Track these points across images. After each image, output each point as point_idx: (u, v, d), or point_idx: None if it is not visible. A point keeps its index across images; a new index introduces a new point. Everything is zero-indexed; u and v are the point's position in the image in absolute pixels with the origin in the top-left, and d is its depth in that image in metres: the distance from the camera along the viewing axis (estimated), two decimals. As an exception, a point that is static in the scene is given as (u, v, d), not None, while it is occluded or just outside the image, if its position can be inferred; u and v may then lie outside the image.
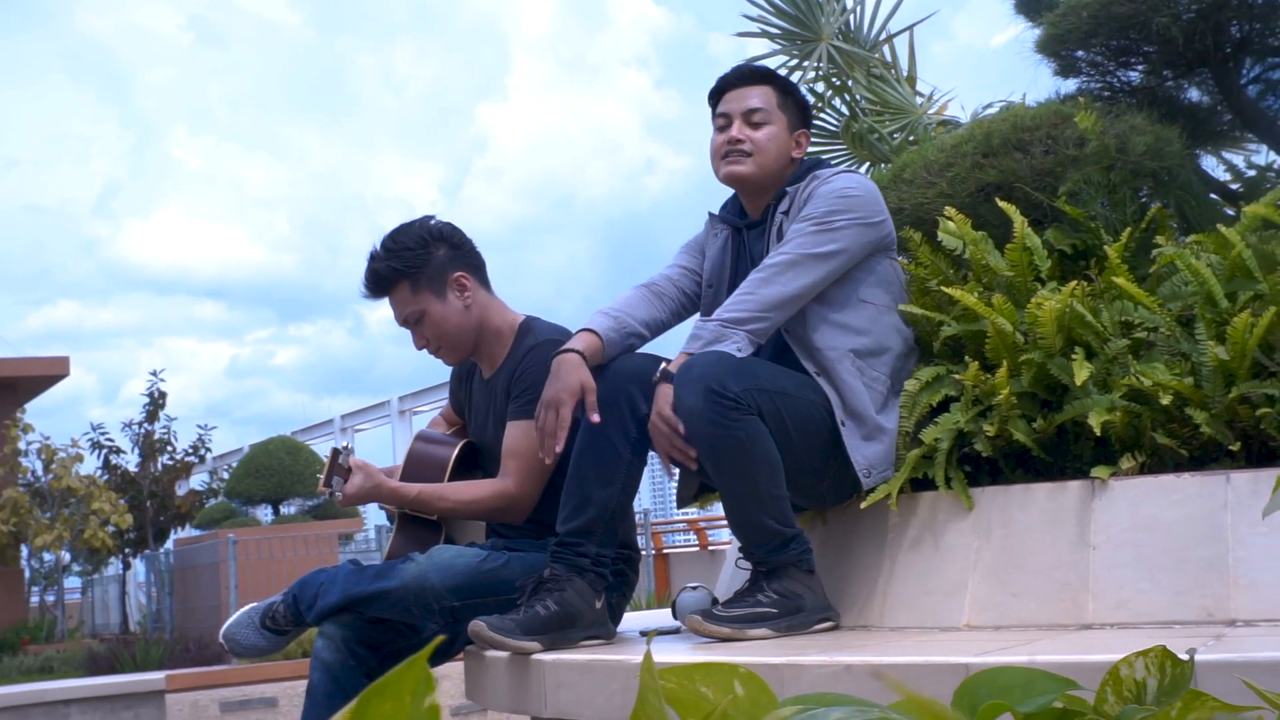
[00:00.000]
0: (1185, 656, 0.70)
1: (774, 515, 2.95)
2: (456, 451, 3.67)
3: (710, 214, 3.49)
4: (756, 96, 3.32)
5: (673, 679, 0.60)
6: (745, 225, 3.37)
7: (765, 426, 2.92)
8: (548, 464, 3.10)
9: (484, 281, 3.60)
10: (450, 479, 3.61)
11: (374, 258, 3.52)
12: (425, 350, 3.58)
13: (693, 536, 16.71)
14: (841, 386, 3.08)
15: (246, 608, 3.54)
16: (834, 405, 3.06)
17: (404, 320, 3.54)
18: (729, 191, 3.43)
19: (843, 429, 3.05)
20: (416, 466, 3.64)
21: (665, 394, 2.96)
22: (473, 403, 3.71)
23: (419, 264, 3.47)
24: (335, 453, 3.43)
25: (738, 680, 0.60)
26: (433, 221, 3.57)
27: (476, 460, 3.73)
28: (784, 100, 3.35)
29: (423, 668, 0.51)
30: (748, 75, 3.38)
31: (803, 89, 5.92)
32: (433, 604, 3.29)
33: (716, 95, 3.38)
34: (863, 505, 3.07)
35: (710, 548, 15.08)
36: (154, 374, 14.98)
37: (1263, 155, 4.38)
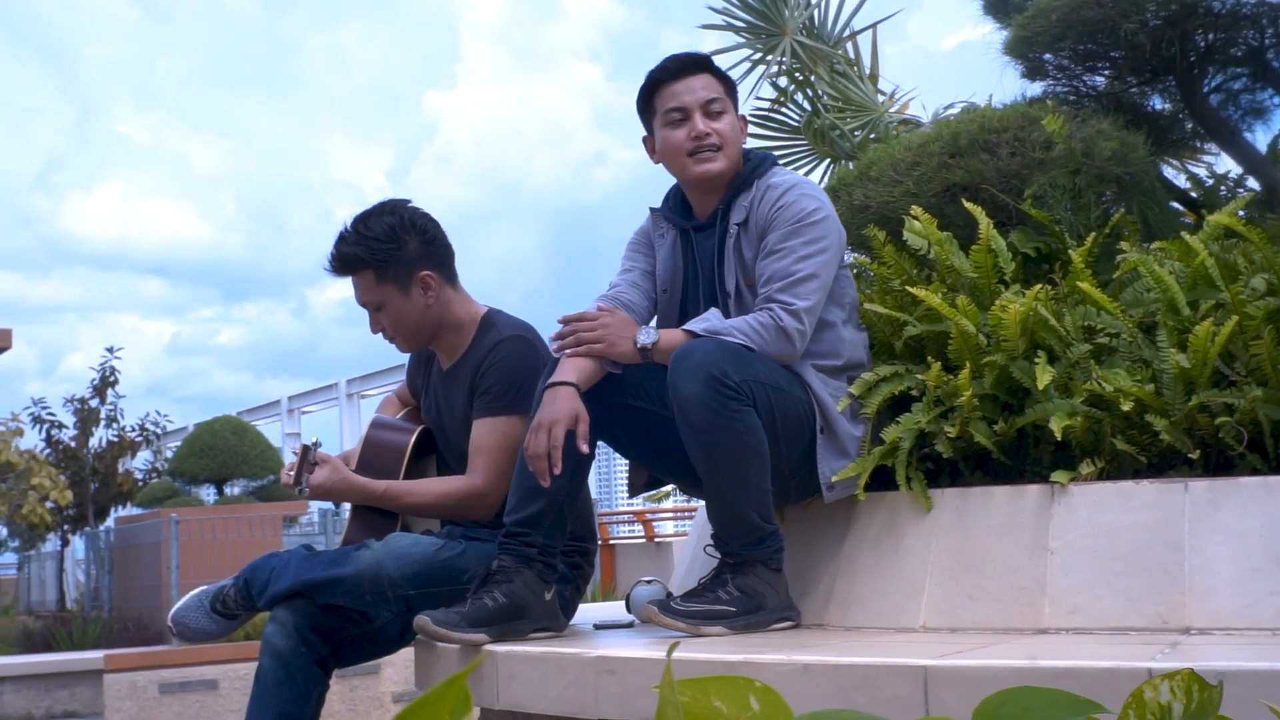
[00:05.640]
0: (1214, 682, 0.69)
1: (758, 509, 2.91)
2: (414, 438, 3.62)
3: (652, 209, 3.36)
4: (707, 86, 3.18)
5: (687, 693, 0.58)
6: (693, 227, 3.24)
7: (760, 419, 2.89)
8: (545, 485, 2.93)
9: (450, 277, 3.52)
10: (407, 466, 3.57)
11: (343, 239, 3.44)
12: (380, 335, 3.53)
13: (639, 528, 16.68)
14: (818, 398, 3.05)
15: (196, 591, 3.49)
16: (815, 409, 3.04)
17: (363, 304, 3.49)
18: (671, 180, 3.30)
19: (820, 436, 3.03)
20: (374, 454, 3.59)
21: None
22: (430, 390, 3.67)
23: (386, 257, 3.40)
24: (305, 449, 3.34)
25: (753, 695, 0.58)
26: (408, 209, 3.49)
27: (432, 446, 3.69)
28: (726, 87, 3.23)
29: (462, 686, 0.48)
30: (690, 64, 3.21)
31: (766, 84, 5.94)
32: (387, 592, 3.25)
33: (655, 88, 3.22)
34: (834, 479, 3.03)
35: (656, 540, 15.06)
36: (109, 350, 14.73)
37: (1221, 164, 4.41)
